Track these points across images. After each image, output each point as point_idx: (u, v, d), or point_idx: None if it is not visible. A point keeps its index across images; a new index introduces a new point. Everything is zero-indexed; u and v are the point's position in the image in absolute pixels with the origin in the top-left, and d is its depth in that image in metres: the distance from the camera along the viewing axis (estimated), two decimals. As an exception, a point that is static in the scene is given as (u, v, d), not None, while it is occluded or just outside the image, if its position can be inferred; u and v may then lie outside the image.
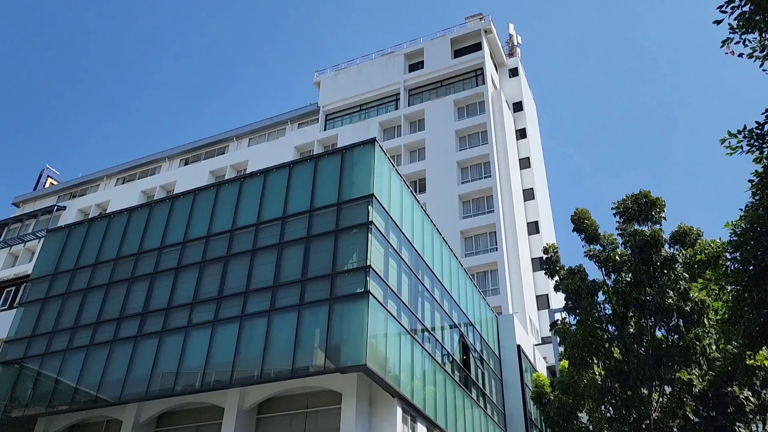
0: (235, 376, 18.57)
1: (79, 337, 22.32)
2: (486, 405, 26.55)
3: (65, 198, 63.87)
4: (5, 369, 23.11)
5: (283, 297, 19.32)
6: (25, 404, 21.82)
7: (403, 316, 20.20)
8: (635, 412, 21.52)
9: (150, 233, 23.65)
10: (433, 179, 46.16)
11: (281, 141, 55.46)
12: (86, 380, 21.11)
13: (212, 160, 57.39)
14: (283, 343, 18.36)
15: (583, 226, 23.60)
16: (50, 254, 25.60)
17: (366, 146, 21.24)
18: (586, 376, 22.08)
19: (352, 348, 17.33)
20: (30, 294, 24.77)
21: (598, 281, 23.25)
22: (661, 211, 22.48)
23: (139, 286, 22.35)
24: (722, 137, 10.15)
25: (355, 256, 18.98)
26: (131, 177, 62.12)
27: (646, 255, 21.99)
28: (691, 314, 20.94)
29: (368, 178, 20.37)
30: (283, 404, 19.86)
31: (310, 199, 21.03)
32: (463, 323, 26.00)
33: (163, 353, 20.22)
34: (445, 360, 23.18)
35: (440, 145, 47.61)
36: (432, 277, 23.68)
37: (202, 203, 23.32)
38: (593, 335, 22.11)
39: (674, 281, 21.47)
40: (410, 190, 23.49)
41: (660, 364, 21.34)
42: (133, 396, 20.06)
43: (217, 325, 19.83)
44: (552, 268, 23.98)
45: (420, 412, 19.95)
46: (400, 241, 21.39)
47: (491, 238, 42.31)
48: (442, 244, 25.94)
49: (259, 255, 20.70)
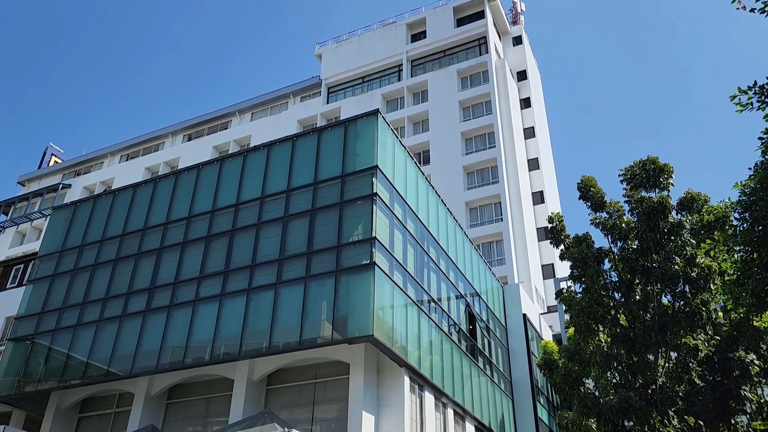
0: (243, 348, 18.74)
1: (88, 312, 22.54)
2: (492, 373, 26.79)
3: (70, 176, 63.97)
4: (17, 345, 23.39)
5: (290, 270, 19.39)
6: (37, 379, 22.13)
7: (409, 286, 20.27)
8: (641, 377, 21.69)
9: (155, 209, 23.69)
10: (437, 150, 45.93)
11: (284, 115, 55.18)
12: (97, 355, 21.37)
13: (215, 135, 57.25)
14: (291, 316, 18.48)
15: (590, 193, 23.52)
16: (57, 232, 25.72)
17: (369, 118, 21.08)
18: (592, 343, 22.22)
19: (359, 319, 17.44)
20: (38, 271, 24.95)
21: (604, 249, 23.25)
22: (668, 177, 22.37)
23: (146, 261, 22.47)
24: (732, 94, 9.99)
25: (360, 228, 18.98)
26: (135, 154, 62.10)
27: (653, 222, 21.95)
28: (697, 280, 20.96)
29: (372, 149, 20.26)
30: (292, 375, 20.08)
31: (314, 171, 20.97)
32: (469, 293, 26.10)
33: (172, 327, 20.41)
34: (451, 330, 23.33)
35: (444, 116, 47.26)
36: (437, 248, 23.71)
37: (206, 178, 23.30)
38: (599, 303, 22.19)
39: (681, 247, 21.46)
40: (414, 162, 23.38)
41: (666, 330, 21.44)
42: (144, 369, 20.31)
43: (224, 298, 19.97)
44: (557, 236, 23.98)
45: (427, 380, 20.15)
46: (405, 212, 21.36)
47: (496, 209, 42.26)
48: (447, 215, 25.92)
49: (265, 228, 20.74)
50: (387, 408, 18.54)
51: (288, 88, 57.58)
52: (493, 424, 25.35)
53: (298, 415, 19.23)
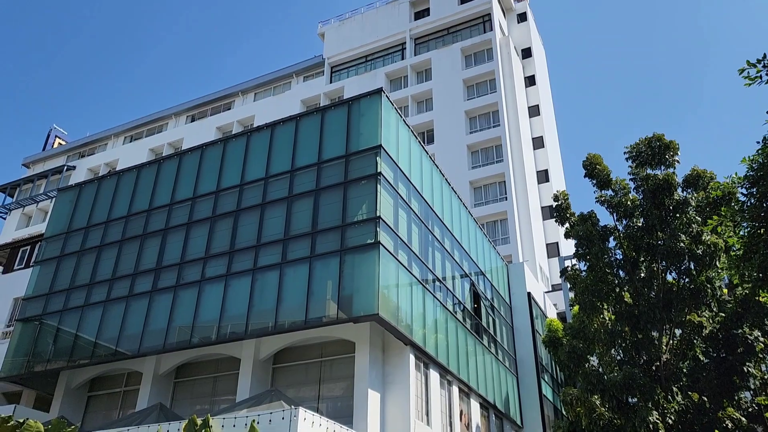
0: (249, 327, 18.88)
1: (95, 293, 22.70)
2: (497, 351, 26.95)
3: (74, 157, 64.02)
4: (25, 326, 23.62)
5: (294, 249, 19.45)
6: (46, 359, 22.37)
7: (414, 265, 20.32)
8: (645, 354, 21.79)
9: (160, 190, 23.72)
10: (441, 129, 45.71)
11: (287, 95, 54.92)
12: (105, 334, 21.57)
13: (219, 116, 57.09)
14: (296, 295, 18.58)
15: (595, 171, 23.43)
16: (62, 213, 25.82)
17: (373, 97, 20.96)
18: (596, 321, 22.30)
19: (364, 298, 17.52)
20: (45, 253, 25.10)
21: (609, 227, 23.22)
22: (674, 154, 22.26)
23: (152, 242, 22.56)
24: (741, 67, 9.88)
25: (364, 207, 18.98)
26: (138, 135, 62.04)
27: (658, 199, 21.88)
28: (702, 257, 20.95)
29: (376, 129, 20.18)
30: (298, 354, 20.24)
31: (317, 151, 20.92)
32: (473, 272, 26.16)
33: (179, 307, 20.55)
34: (456, 308, 23.43)
35: (448, 95, 46.95)
36: (442, 227, 23.71)
37: (210, 159, 23.28)
38: (604, 280, 22.23)
39: (686, 225, 21.42)
40: (418, 141, 23.29)
41: (670, 307, 21.49)
42: (151, 349, 20.50)
43: (230, 278, 20.06)
44: (562, 215, 23.94)
45: (432, 358, 20.28)
46: (410, 191, 21.33)
47: (500, 188, 42.15)
48: (452, 194, 25.87)
49: (269, 208, 20.75)
50: (392, 386, 18.71)
51: (291, 67, 57.22)
52: (498, 401, 25.57)
53: (304, 393, 19.43)
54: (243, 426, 15.02)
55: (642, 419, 18.87)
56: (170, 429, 16.16)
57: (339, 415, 17.97)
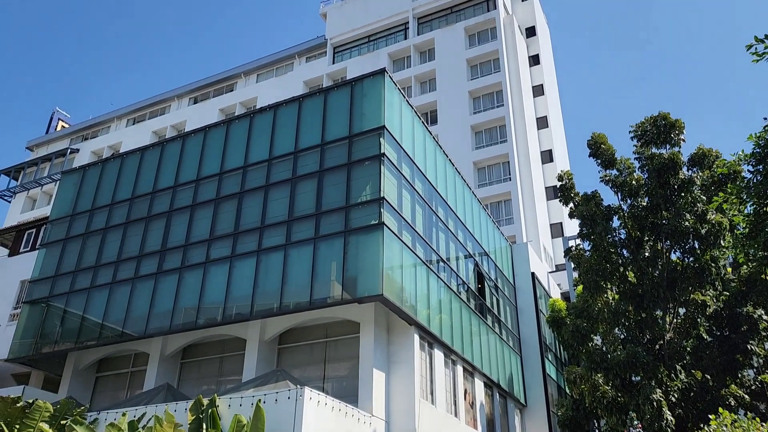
0: (254, 308, 18.99)
1: (101, 275, 22.83)
2: (501, 331, 27.08)
3: (77, 140, 64.02)
4: (32, 308, 23.81)
5: (299, 231, 19.49)
6: (54, 341, 22.58)
7: (418, 246, 20.36)
8: (649, 333, 21.86)
9: (163, 172, 23.73)
10: (444, 110, 45.48)
11: (289, 76, 54.65)
12: (111, 316, 21.73)
13: (221, 98, 56.90)
14: (300, 276, 18.66)
15: (600, 150, 23.32)
16: (67, 196, 25.88)
17: (376, 77, 20.84)
18: (600, 300, 22.35)
19: (369, 278, 17.58)
20: (50, 235, 25.21)
21: (613, 206, 23.18)
22: (680, 133, 22.11)
23: (156, 224, 22.63)
24: (749, 43, 9.76)
25: (368, 188, 18.97)
26: (141, 117, 61.94)
27: (663, 178, 21.80)
28: (707, 236, 20.93)
29: (379, 109, 20.09)
30: (303, 334, 20.38)
31: (321, 132, 20.86)
32: (477, 253, 26.20)
33: (184, 288, 20.67)
34: (460, 289, 23.50)
35: (451, 75, 46.63)
36: (446, 207, 23.71)
37: (213, 140, 23.24)
38: (608, 260, 22.25)
39: (691, 204, 21.37)
40: (422, 122, 23.19)
41: (674, 287, 21.51)
42: (157, 330, 20.66)
43: (234, 260, 20.14)
44: (567, 194, 23.89)
45: (437, 338, 20.40)
46: (413, 172, 21.30)
47: (504, 168, 42.04)
48: (455, 174, 25.82)
49: (273, 190, 20.76)
50: (397, 365, 18.85)
51: (293, 48, 56.87)
52: (502, 380, 25.75)
53: (309, 373, 19.60)
54: (249, 405, 15.18)
55: (645, 397, 18.98)
56: (177, 408, 16.35)
57: (344, 394, 18.13)
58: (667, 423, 18.77)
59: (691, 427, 20.43)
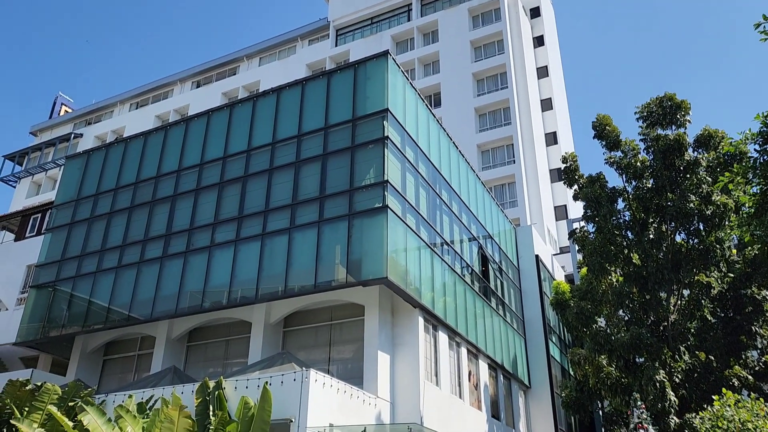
0: (259, 292, 19.08)
1: (107, 259, 22.95)
2: (505, 313, 27.17)
3: (81, 125, 63.95)
4: (39, 292, 23.97)
5: (303, 214, 19.51)
6: (61, 324, 22.77)
7: (422, 229, 20.37)
8: (653, 315, 21.92)
9: (167, 156, 23.74)
10: (448, 92, 45.21)
11: (292, 59, 54.32)
12: (118, 300, 21.88)
13: (224, 82, 56.66)
14: (305, 259, 18.71)
15: (605, 132, 23.22)
16: (71, 180, 25.93)
17: (379, 60, 20.72)
18: (604, 282, 22.39)
19: (373, 261, 17.62)
20: (55, 220, 25.31)
21: (618, 188, 23.13)
22: (686, 114, 21.98)
23: (161, 208, 22.68)
24: (757, 22, 9.66)
25: (372, 172, 18.95)
26: (144, 102, 61.78)
27: (668, 160, 21.73)
28: (712, 218, 20.89)
29: (382, 92, 20.00)
30: (308, 317, 20.49)
31: (324, 115, 20.80)
32: (481, 235, 26.21)
33: (189, 272, 20.76)
34: (464, 271, 23.55)
35: (455, 57, 46.28)
36: (450, 190, 23.68)
37: (216, 124, 23.20)
38: (612, 242, 22.24)
39: (696, 185, 21.30)
40: (425, 104, 23.09)
41: (679, 268, 21.52)
42: (163, 314, 20.80)
43: (239, 243, 20.21)
44: (571, 176, 23.84)
45: (441, 321, 20.49)
46: (417, 155, 21.25)
47: (508, 151, 41.88)
48: (459, 157, 25.75)
49: (277, 174, 20.76)
50: (402, 348, 18.96)
51: (295, 31, 56.44)
52: (506, 362, 25.89)
53: (315, 355, 19.73)
54: (256, 388, 15.32)
55: (649, 378, 19.08)
56: (184, 391, 16.50)
57: (349, 376, 18.27)
58: (670, 404, 18.89)
59: (694, 407, 20.55)
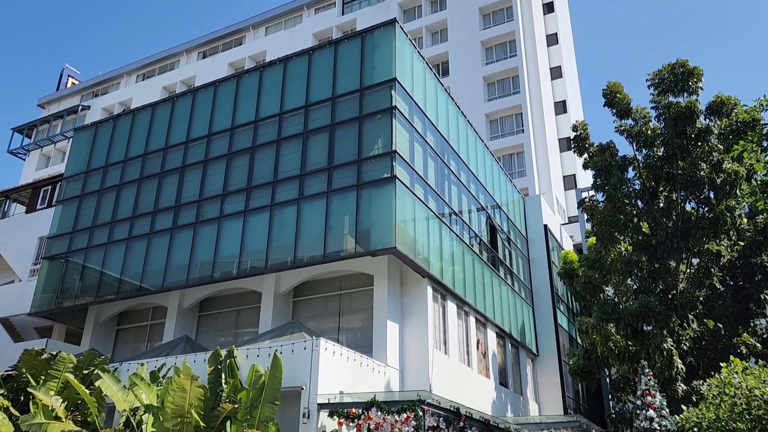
0: (269, 262, 19.22)
1: (117, 230, 23.14)
2: (513, 282, 27.28)
3: (88, 97, 63.86)
4: (52, 263, 24.27)
5: (311, 185, 19.53)
6: (74, 295, 23.09)
7: (431, 199, 20.36)
8: (661, 283, 21.94)
9: (175, 127, 23.72)
10: (456, 61, 44.71)
11: (298, 28, 53.75)
12: (129, 271, 22.12)
13: (230, 52, 56.25)
14: (314, 230, 18.79)
15: (615, 100, 22.95)
16: (80, 153, 26.02)
17: (386, 28, 20.46)
18: (613, 251, 22.37)
19: (382, 231, 17.67)
20: (66, 192, 25.47)
21: (628, 157, 22.96)
22: (698, 80, 21.65)
23: (170, 180, 22.76)
24: None
25: (380, 142, 18.88)
26: (150, 73, 61.51)
27: (680, 128, 21.49)
28: (723, 186, 20.74)
29: (390, 61, 19.81)
30: (318, 287, 20.66)
31: (332, 85, 20.65)
32: (490, 205, 26.17)
33: (199, 243, 20.92)
34: (472, 241, 23.59)
35: (463, 24, 45.64)
36: (458, 160, 23.58)
37: (223, 95, 23.11)
38: (622, 211, 22.17)
39: (707, 153, 21.10)
40: (433, 73, 22.85)
41: (688, 237, 21.46)
42: (174, 284, 21.03)
43: (248, 214, 20.29)
44: (581, 145, 23.67)
45: (449, 290, 20.60)
46: (425, 125, 21.12)
47: (517, 120, 41.54)
48: (468, 127, 25.58)
49: (285, 144, 20.72)
50: (411, 317, 19.12)
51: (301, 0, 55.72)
52: (514, 331, 26.08)
53: (324, 325, 19.94)
54: (266, 356, 15.53)
55: (656, 346, 19.19)
56: (197, 360, 16.77)
57: (359, 345, 18.47)
58: (677, 371, 19.02)
59: (702, 374, 20.70)
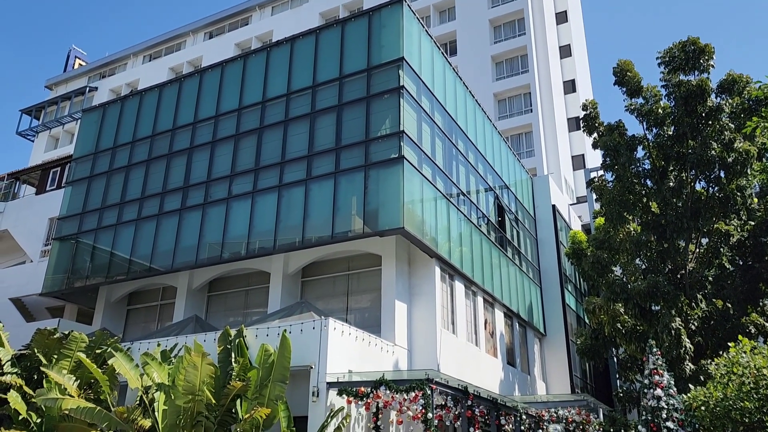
0: (277, 242, 19.30)
1: (127, 211, 23.28)
2: (521, 263, 27.28)
3: (95, 78, 63.82)
4: (62, 244, 24.47)
5: (319, 165, 19.53)
6: (85, 275, 23.31)
7: (438, 179, 20.32)
8: (670, 263, 21.88)
9: (183, 108, 23.71)
10: (464, 40, 44.29)
11: (305, 8, 53.33)
12: (139, 251, 22.28)
13: (236, 32, 55.96)
14: (322, 210, 18.82)
15: (626, 78, 22.70)
16: (89, 134, 26.09)
17: (393, 7, 20.26)
18: (622, 231, 22.30)
19: (389, 212, 17.68)
20: (75, 173, 25.58)
21: (637, 136, 22.78)
22: (709, 58, 21.36)
23: (178, 161, 22.81)
24: None
25: (387, 122, 18.81)
26: (157, 54, 61.33)
27: (690, 106, 21.26)
28: (733, 165, 20.56)
29: (397, 40, 19.65)
30: (326, 267, 20.74)
31: (339, 65, 20.54)
32: (497, 185, 26.10)
33: (208, 224, 21.02)
34: (480, 221, 23.57)
35: (471, 3, 45.12)
36: (466, 140, 23.47)
37: (230, 76, 23.04)
38: (631, 191, 22.06)
39: (719, 132, 20.88)
40: (441, 52, 22.67)
41: (698, 216, 21.34)
42: (183, 265, 21.18)
43: (256, 195, 20.34)
44: (591, 124, 23.49)
45: (457, 270, 20.64)
46: (433, 105, 21.01)
47: (526, 99, 41.22)
48: (476, 107, 25.42)
49: (293, 125, 20.69)
50: (419, 297, 19.20)
51: (308, -22, 55.19)
52: (522, 311, 26.15)
53: (332, 305, 20.06)
54: (275, 335, 15.66)
55: (665, 325, 19.20)
56: (207, 339, 16.93)
57: (367, 325, 18.58)
58: (685, 350, 19.05)
59: (710, 354, 20.71)
